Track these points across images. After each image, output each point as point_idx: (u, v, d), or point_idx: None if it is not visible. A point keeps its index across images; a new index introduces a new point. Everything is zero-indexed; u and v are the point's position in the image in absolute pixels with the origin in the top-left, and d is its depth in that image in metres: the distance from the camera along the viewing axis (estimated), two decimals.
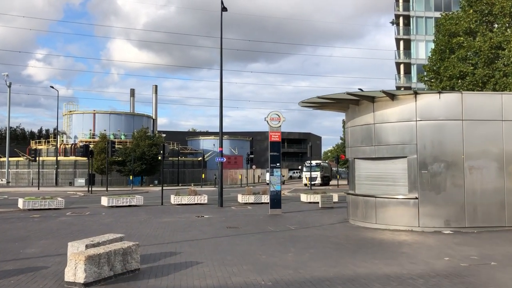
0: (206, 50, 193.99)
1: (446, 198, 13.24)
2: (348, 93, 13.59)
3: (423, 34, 59.23)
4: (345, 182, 65.40)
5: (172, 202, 24.06)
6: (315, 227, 14.42)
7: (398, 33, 61.24)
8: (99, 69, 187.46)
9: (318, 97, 14.53)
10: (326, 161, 76.63)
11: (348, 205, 16.08)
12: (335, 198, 23.44)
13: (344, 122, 62.01)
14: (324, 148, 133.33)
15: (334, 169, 79.29)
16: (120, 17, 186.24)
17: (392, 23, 62.58)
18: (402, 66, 60.67)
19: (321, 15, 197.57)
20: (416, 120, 13.51)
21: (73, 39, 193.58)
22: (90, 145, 46.46)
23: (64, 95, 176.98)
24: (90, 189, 36.83)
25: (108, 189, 41.99)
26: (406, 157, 13.66)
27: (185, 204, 23.66)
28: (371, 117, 14.45)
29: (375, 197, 14.30)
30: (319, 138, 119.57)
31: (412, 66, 59.19)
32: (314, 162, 51.95)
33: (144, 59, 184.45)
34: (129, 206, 22.77)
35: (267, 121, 19.20)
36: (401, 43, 60.89)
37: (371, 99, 14.24)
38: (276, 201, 19.16)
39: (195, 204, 23.88)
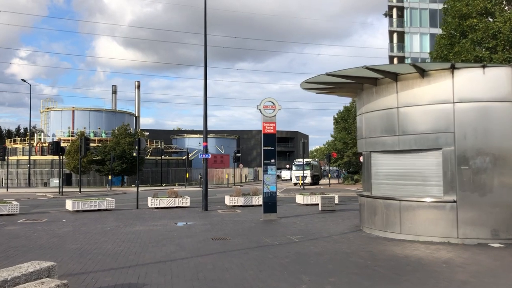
0: (193, 49, 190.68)
1: (493, 202, 10.34)
2: (367, 67, 10.61)
3: (417, 26, 56.66)
4: (336, 181, 62.71)
5: (150, 205, 20.86)
6: (323, 239, 11.41)
7: (392, 25, 58.46)
8: (84, 68, 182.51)
9: (327, 74, 11.50)
10: (316, 160, 73.95)
11: (361, 209, 13.09)
12: (336, 199, 20.51)
13: (335, 118, 59.20)
14: (311, 147, 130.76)
15: (322, 167, 76.82)
16: (106, 15, 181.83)
17: (385, 14, 59.83)
18: (395, 60, 57.92)
19: (307, 13, 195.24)
20: (454, 102, 10.59)
21: (58, 38, 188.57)
22: (64, 143, 43.12)
23: (48, 94, 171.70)
24: (61, 190, 33.31)
25: (85, 190, 38.65)
26: (440, 149, 10.75)
27: (164, 208, 20.50)
28: (393, 100, 11.51)
29: (399, 200, 11.36)
30: (307, 137, 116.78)
31: (406, 59, 56.52)
32: (304, 161, 49.14)
33: (131, 58, 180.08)
34: (98, 210, 19.53)
35: (260, 109, 16.18)
36: (395, 35, 58.21)
37: (394, 76, 11.29)
38: (270, 204, 16.13)
39: (176, 207, 20.73)
